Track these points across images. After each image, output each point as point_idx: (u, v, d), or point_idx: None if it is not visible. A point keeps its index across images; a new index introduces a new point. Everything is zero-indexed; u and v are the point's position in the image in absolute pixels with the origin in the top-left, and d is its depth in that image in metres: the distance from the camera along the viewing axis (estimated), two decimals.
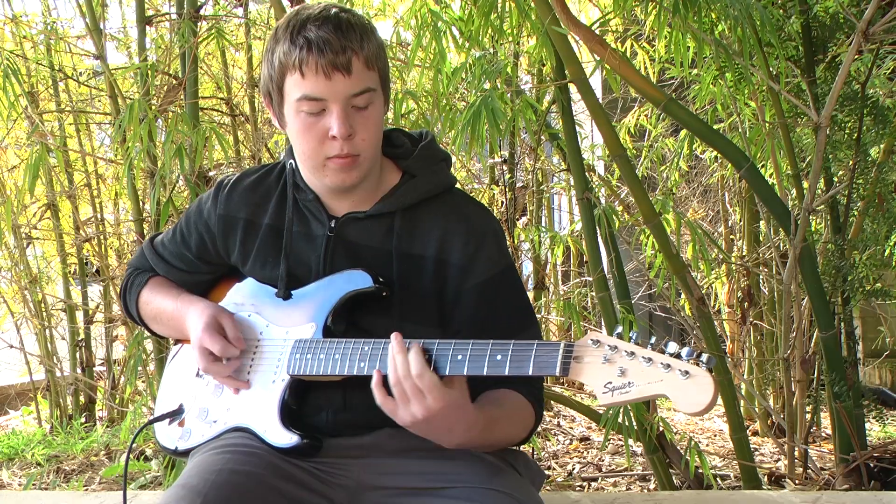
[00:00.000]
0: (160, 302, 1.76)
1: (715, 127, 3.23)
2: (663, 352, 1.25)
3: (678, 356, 1.23)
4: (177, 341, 1.83)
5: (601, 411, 3.04)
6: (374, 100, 1.53)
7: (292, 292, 1.63)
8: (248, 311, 1.68)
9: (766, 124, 3.13)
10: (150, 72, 2.99)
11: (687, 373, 1.22)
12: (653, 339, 1.27)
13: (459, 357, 1.38)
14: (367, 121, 1.53)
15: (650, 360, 1.25)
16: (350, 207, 1.63)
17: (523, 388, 1.54)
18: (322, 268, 1.61)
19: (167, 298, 1.75)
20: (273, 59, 1.52)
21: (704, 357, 1.22)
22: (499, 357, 1.36)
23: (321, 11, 1.51)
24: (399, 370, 1.38)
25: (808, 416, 3.26)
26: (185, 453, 1.67)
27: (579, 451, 3.76)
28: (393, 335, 1.41)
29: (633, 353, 1.26)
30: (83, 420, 4.33)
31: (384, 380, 1.41)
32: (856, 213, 3.00)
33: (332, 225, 1.62)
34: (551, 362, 1.31)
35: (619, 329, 1.31)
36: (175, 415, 1.70)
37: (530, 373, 1.33)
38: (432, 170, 1.65)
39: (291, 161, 1.66)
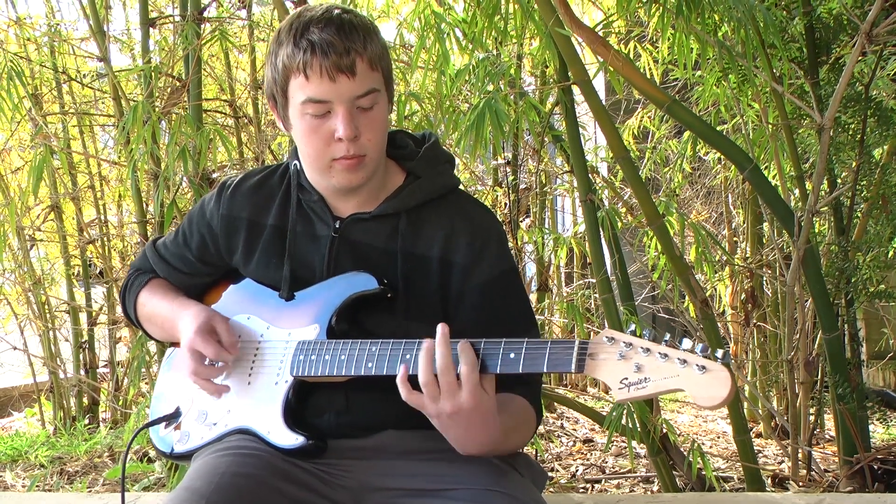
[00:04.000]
0: (156, 304, 1.76)
1: (718, 128, 3.23)
2: (677, 348, 1.26)
3: (693, 352, 1.25)
4: (171, 345, 1.82)
5: (604, 413, 3.03)
6: (378, 100, 1.54)
7: (295, 294, 1.62)
8: (248, 314, 1.68)
9: (770, 126, 3.12)
10: (153, 74, 3.00)
11: (704, 367, 1.23)
12: (667, 337, 1.27)
13: None
14: (373, 121, 1.53)
15: (666, 355, 1.25)
16: (355, 208, 1.63)
17: (527, 393, 1.54)
18: (326, 269, 1.61)
19: (163, 301, 1.74)
20: (276, 61, 1.52)
21: (720, 353, 1.23)
22: (512, 355, 1.36)
23: (324, 13, 1.50)
24: (439, 363, 1.37)
25: (812, 418, 3.25)
26: (182, 456, 1.66)
27: (582, 453, 3.76)
28: (440, 326, 1.39)
29: (648, 350, 1.27)
30: (86, 422, 4.33)
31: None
32: (859, 215, 3.00)
33: (337, 225, 1.62)
34: (566, 359, 1.32)
35: (633, 327, 1.32)
36: (172, 418, 1.69)
37: (545, 369, 1.33)
38: (437, 171, 1.65)
39: (296, 162, 1.66)
